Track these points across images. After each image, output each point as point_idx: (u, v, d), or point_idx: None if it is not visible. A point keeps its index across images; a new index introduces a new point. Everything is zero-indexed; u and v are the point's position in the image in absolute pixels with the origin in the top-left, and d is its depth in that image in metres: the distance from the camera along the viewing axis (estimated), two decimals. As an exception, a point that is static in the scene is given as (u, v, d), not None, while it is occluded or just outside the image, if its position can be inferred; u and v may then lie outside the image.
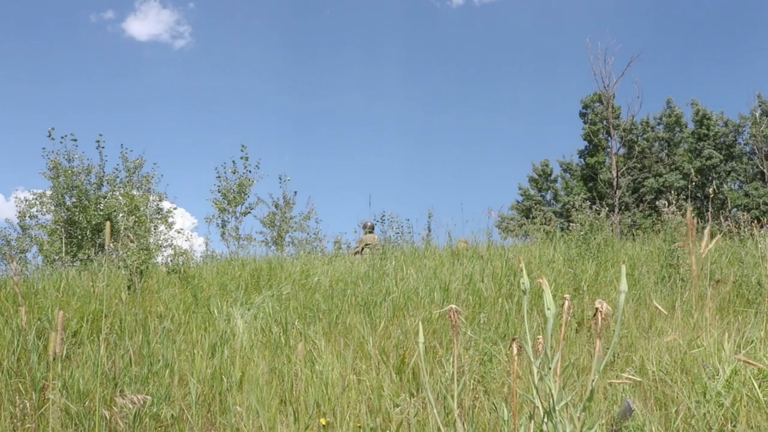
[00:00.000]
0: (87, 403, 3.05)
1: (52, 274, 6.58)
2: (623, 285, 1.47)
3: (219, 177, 12.44)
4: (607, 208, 7.88)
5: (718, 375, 2.83)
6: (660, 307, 1.96)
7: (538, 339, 1.73)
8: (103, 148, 13.10)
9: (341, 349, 3.72)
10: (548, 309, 1.58)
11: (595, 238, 6.69)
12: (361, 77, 37.64)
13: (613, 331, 3.71)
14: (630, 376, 1.84)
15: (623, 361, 3.45)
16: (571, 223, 7.30)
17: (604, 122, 27.06)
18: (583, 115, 28.49)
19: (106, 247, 3.18)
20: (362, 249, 9.81)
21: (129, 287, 5.52)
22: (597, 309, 1.49)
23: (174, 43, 35.00)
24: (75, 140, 12.74)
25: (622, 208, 24.99)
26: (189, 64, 36.32)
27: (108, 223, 2.83)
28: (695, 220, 3.90)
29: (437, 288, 5.13)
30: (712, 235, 3.34)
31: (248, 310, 5.05)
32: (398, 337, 3.94)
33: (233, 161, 12.61)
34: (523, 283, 1.69)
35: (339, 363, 3.53)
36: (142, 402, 2.33)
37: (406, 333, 3.99)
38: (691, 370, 3.07)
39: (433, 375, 3.35)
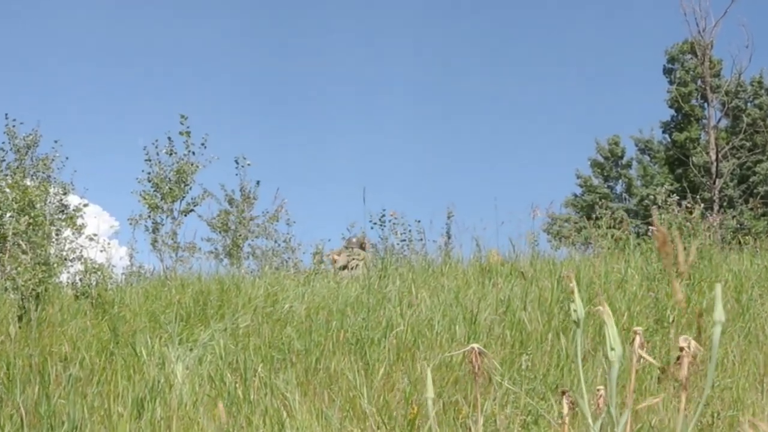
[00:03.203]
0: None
1: None
2: (719, 313, 1.47)
3: (149, 160, 12.43)
4: (702, 205, 7.89)
5: None
6: None
7: (599, 392, 1.72)
8: (-19, 119, 13.14)
9: (323, 406, 3.72)
10: (612, 349, 1.58)
11: (685, 248, 6.68)
12: (355, 24, 37.68)
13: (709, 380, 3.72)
14: None
15: (726, 424, 3.45)
16: (651, 227, 7.31)
17: (699, 82, 27.09)
18: (668, 71, 28.55)
19: None
20: (350, 261, 9.86)
21: (20, 318, 5.53)
22: (682, 348, 1.49)
23: (84, -30, 35.04)
24: (-58, 108, 12.78)
25: (725, 204, 25.03)
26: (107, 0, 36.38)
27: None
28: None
29: (460, 319, 5.13)
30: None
31: (190, 350, 5.05)
32: (405, 388, 3.94)
33: (169, 138, 12.59)
34: (575, 311, 1.68)
35: (320, 425, 3.53)
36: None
37: (415, 382, 3.99)
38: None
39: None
